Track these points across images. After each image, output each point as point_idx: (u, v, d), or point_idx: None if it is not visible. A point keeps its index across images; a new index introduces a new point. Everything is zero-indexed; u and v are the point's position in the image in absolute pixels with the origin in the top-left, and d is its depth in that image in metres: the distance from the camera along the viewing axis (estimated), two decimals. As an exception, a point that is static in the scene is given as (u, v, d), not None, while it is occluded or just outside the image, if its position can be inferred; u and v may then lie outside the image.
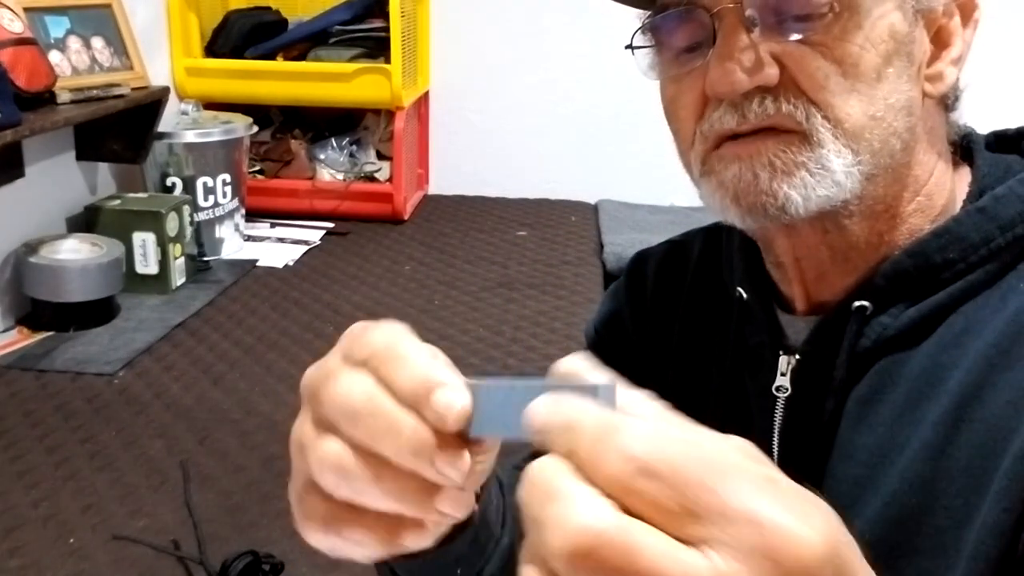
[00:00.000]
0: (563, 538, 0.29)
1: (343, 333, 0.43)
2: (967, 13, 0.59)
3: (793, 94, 0.54)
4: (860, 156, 0.54)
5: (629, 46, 0.61)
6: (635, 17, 0.61)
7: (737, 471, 0.29)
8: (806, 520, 0.28)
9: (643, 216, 2.75)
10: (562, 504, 0.29)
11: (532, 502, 0.30)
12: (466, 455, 0.37)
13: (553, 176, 3.04)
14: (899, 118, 0.55)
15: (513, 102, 3.03)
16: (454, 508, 0.39)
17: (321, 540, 0.42)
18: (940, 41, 0.58)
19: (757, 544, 0.28)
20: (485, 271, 2.30)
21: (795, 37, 0.53)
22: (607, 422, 0.31)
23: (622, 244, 2.40)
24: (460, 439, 0.37)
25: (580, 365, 0.35)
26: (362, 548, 0.41)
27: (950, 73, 0.58)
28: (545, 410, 0.33)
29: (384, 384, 0.38)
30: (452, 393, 0.36)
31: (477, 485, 0.42)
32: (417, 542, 0.41)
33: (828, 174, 0.54)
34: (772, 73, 0.53)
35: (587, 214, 2.82)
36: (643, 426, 0.30)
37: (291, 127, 2.81)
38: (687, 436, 0.31)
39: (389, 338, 0.40)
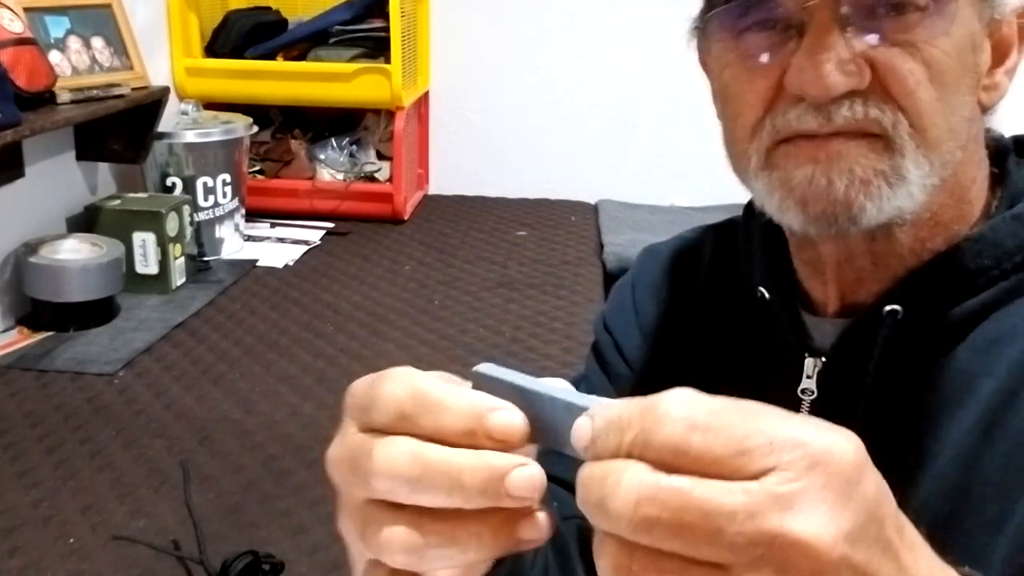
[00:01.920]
0: (625, 500, 0.31)
1: (346, 393, 0.40)
2: (1022, 25, 0.58)
3: (882, 97, 0.51)
4: (934, 167, 0.53)
5: (698, 27, 0.58)
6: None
7: (771, 412, 0.33)
8: (838, 434, 0.33)
9: (643, 216, 2.75)
10: (617, 474, 0.32)
11: (591, 491, 0.33)
12: (534, 466, 0.36)
13: (553, 176, 3.04)
14: (965, 130, 0.54)
15: (513, 102, 3.03)
16: (537, 531, 0.37)
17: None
18: (999, 50, 0.57)
19: (806, 459, 0.32)
20: (485, 271, 2.30)
21: (888, 38, 0.51)
22: (644, 403, 0.33)
23: (622, 244, 2.40)
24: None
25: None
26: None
27: (1004, 83, 0.57)
28: (587, 427, 0.34)
29: (430, 438, 0.37)
30: (504, 415, 0.36)
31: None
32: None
33: (904, 185, 0.52)
34: (867, 76, 0.51)
35: (587, 214, 2.82)
36: (676, 394, 0.33)
37: (291, 127, 2.81)
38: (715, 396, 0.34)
39: (406, 389, 0.37)
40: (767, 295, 0.64)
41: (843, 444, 0.33)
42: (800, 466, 0.31)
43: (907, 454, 0.55)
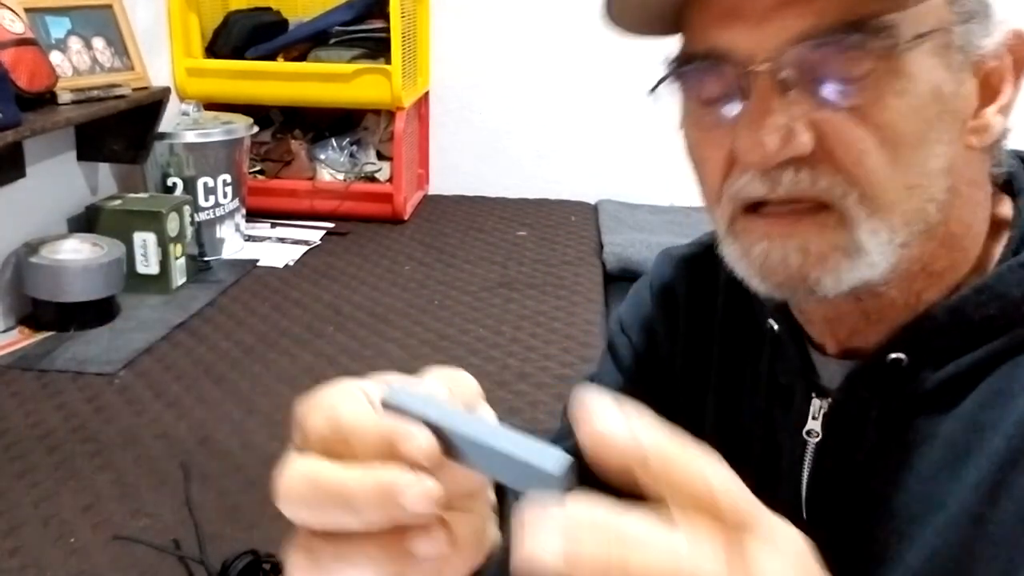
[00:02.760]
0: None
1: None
2: (1020, 55, 0.54)
3: (829, 167, 0.50)
4: (894, 232, 0.51)
5: (652, 90, 0.57)
6: (660, 64, 0.57)
7: None
8: None
9: (643, 216, 2.75)
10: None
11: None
12: (429, 480, 0.35)
13: (553, 176, 3.04)
14: (937, 182, 0.51)
15: (513, 102, 3.03)
16: (432, 546, 0.36)
17: None
18: (989, 87, 0.54)
19: None
20: (485, 271, 2.31)
21: (833, 102, 0.49)
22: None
23: (622, 244, 2.40)
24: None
25: (609, 416, 0.34)
26: None
27: (997, 122, 0.54)
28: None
29: (340, 461, 0.36)
30: (415, 441, 0.35)
31: (470, 539, 0.40)
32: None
33: (863, 256, 0.51)
34: (806, 142, 0.49)
35: (587, 214, 2.82)
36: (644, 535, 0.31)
37: (291, 127, 2.82)
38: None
39: (328, 418, 0.37)
40: (776, 328, 0.62)
41: None
42: None
43: (909, 506, 0.54)
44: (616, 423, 0.32)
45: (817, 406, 0.59)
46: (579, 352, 1.84)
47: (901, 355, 0.55)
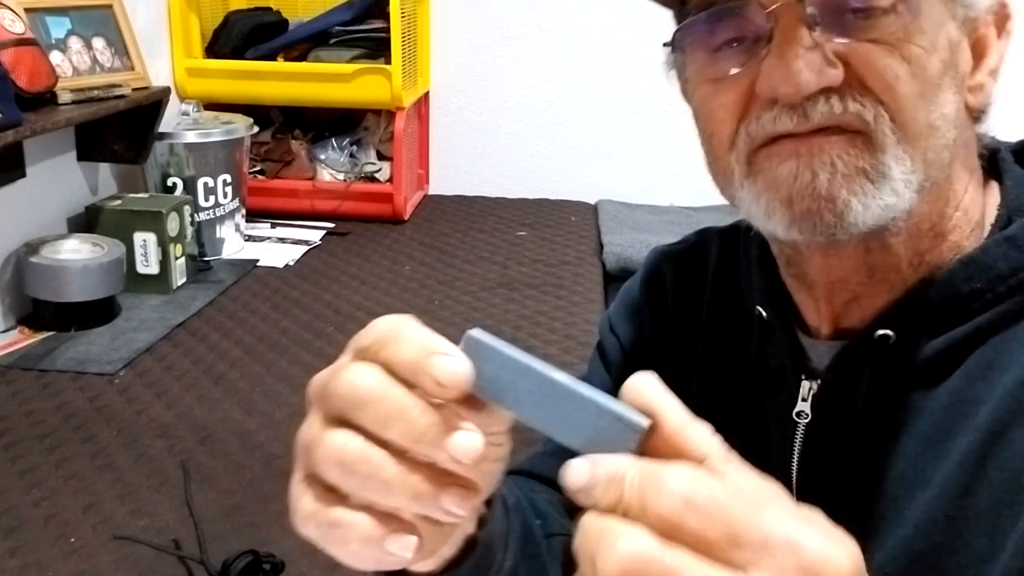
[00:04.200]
0: (615, 562, 0.32)
1: (309, 384, 0.42)
2: (1001, 23, 0.57)
3: (859, 92, 0.51)
4: (916, 164, 0.51)
5: (668, 44, 0.58)
6: (671, 16, 0.58)
7: (773, 504, 0.33)
8: (838, 544, 0.33)
9: (643, 216, 2.75)
10: (613, 536, 0.33)
11: (587, 542, 0.33)
12: (477, 436, 0.37)
13: (553, 176, 3.04)
14: (950, 129, 0.53)
15: (513, 102, 3.03)
16: (459, 505, 0.38)
17: (313, 532, 0.41)
18: (977, 52, 0.56)
19: (796, 565, 0.32)
20: (485, 271, 2.31)
21: (859, 36, 0.50)
22: (648, 469, 0.34)
23: (622, 244, 2.40)
24: (471, 422, 0.37)
25: (651, 388, 0.36)
26: (351, 547, 0.40)
27: (988, 83, 0.56)
28: (585, 471, 0.35)
29: (388, 368, 0.38)
30: (450, 360, 0.37)
31: (487, 485, 0.42)
32: (405, 550, 0.40)
33: (888, 182, 0.51)
34: (838, 73, 0.50)
35: (587, 214, 2.82)
36: (682, 469, 0.34)
37: (291, 127, 2.82)
38: (726, 474, 0.34)
39: (390, 323, 0.40)
40: (764, 314, 0.63)
41: (839, 556, 0.33)
42: (787, 568, 0.32)
43: (898, 482, 0.54)
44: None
45: (807, 388, 0.60)
46: (579, 352, 1.84)
47: (889, 332, 0.55)
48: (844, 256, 0.56)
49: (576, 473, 0.35)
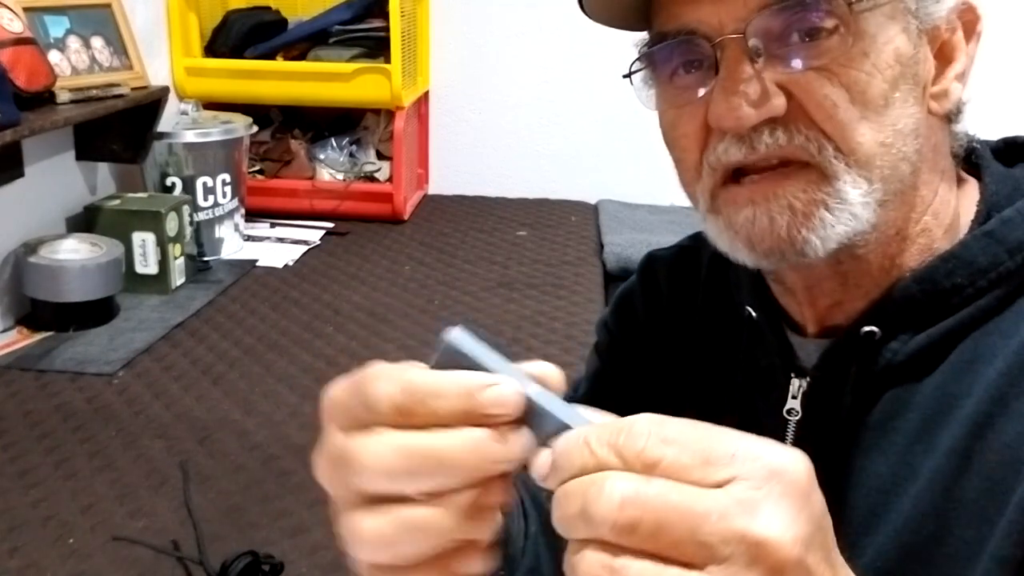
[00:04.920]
0: (609, 504, 0.34)
1: (324, 399, 0.42)
2: (969, 26, 0.57)
3: (803, 124, 0.52)
4: (873, 184, 0.52)
5: (627, 75, 0.60)
6: (632, 45, 0.59)
7: (729, 430, 0.36)
8: (790, 451, 0.36)
9: (643, 216, 2.75)
10: (599, 483, 0.34)
11: (571, 501, 0.35)
12: (524, 430, 0.38)
13: (553, 176, 3.04)
14: (907, 142, 0.53)
15: (513, 102, 3.03)
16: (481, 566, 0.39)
17: (383, 548, 0.40)
18: (943, 57, 0.56)
19: (764, 470, 0.34)
20: (485, 271, 2.30)
21: (800, 65, 0.51)
22: (610, 424, 0.36)
23: (622, 244, 2.40)
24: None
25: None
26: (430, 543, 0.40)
27: (955, 89, 0.57)
28: (547, 454, 0.37)
29: (422, 427, 0.38)
30: (495, 390, 0.37)
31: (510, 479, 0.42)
32: (475, 567, 0.40)
33: (846, 207, 0.52)
34: (779, 104, 0.52)
35: (587, 214, 2.82)
36: (645, 416, 0.36)
37: (291, 127, 2.81)
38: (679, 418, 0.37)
39: (401, 385, 0.39)
40: (754, 315, 0.64)
41: (796, 460, 0.36)
42: (759, 475, 0.34)
43: (888, 477, 0.55)
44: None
45: (796, 385, 0.60)
46: (579, 352, 1.84)
47: (874, 328, 0.56)
48: (816, 270, 0.57)
49: (541, 461, 0.37)
